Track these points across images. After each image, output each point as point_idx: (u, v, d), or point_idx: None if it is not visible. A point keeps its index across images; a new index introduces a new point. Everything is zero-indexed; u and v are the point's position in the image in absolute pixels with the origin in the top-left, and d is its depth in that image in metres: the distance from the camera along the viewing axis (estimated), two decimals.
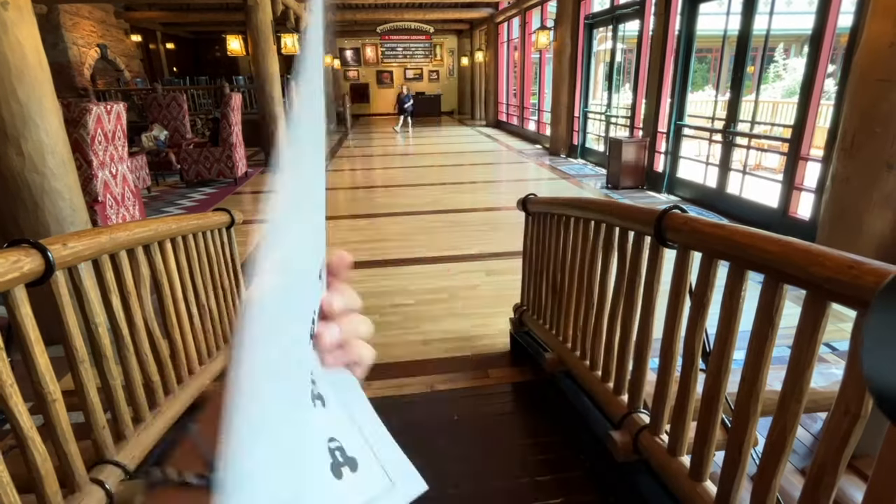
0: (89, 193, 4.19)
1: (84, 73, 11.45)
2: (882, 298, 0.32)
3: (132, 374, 1.51)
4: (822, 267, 0.81)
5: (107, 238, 1.38)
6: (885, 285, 0.32)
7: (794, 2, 15.13)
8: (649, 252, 1.38)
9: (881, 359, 0.31)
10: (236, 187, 7.63)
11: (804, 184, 4.63)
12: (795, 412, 0.88)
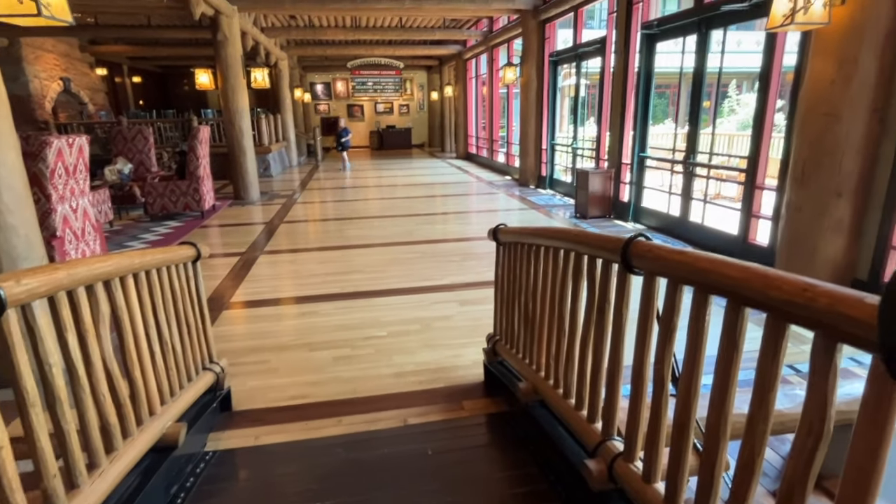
0: (47, 228, 4.04)
1: (45, 106, 11.21)
2: None
3: (88, 416, 1.43)
4: (779, 290, 0.84)
5: (64, 274, 1.33)
6: None
7: (743, 42, 16.12)
8: (617, 279, 1.41)
9: None
10: (203, 220, 7.49)
11: (761, 212, 4.83)
12: (763, 433, 0.90)
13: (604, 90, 7.59)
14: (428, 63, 19.50)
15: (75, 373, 1.40)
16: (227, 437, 2.34)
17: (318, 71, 20.27)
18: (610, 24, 7.30)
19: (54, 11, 2.52)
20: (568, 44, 8.89)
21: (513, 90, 11.99)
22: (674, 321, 1.17)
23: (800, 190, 3.77)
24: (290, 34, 12.73)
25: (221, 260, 5.33)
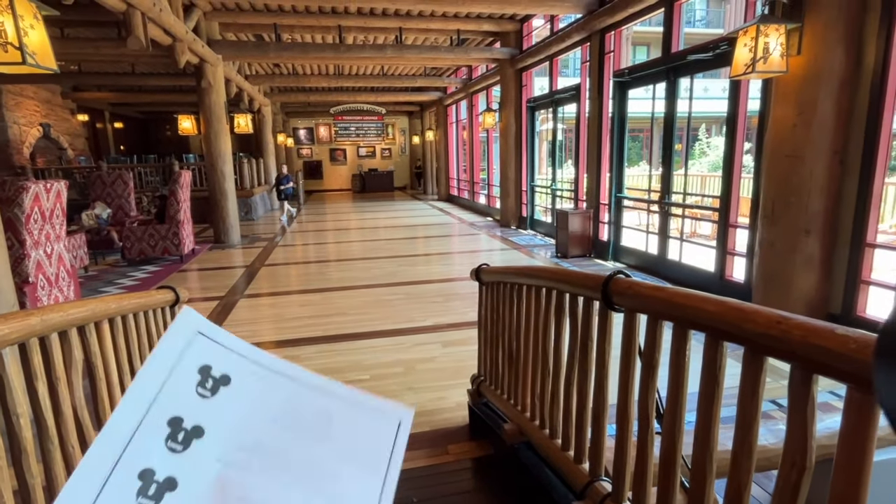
0: (19, 274, 3.94)
1: (23, 152, 11.14)
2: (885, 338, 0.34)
3: (55, 470, 1.36)
4: (754, 323, 0.86)
5: (37, 320, 1.29)
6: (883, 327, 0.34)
7: (710, 88, 16.96)
8: (599, 316, 1.43)
9: None
10: (182, 264, 7.38)
11: (736, 249, 4.96)
12: (748, 468, 0.90)
13: (580, 134, 7.86)
14: (409, 108, 20.01)
15: (44, 423, 1.34)
16: None
17: (301, 116, 20.63)
18: (584, 72, 7.64)
19: (39, 59, 2.55)
20: (544, 90, 9.25)
21: (492, 134, 12.34)
22: (655, 357, 1.18)
23: (771, 228, 3.90)
24: (273, 81, 13.01)
25: (200, 304, 5.23)
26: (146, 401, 0.49)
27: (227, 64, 9.15)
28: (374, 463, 0.53)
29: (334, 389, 0.56)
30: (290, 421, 0.53)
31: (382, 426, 0.55)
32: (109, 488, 0.45)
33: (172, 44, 6.69)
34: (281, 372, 0.55)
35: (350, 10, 8.48)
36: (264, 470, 0.51)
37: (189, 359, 0.52)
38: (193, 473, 0.48)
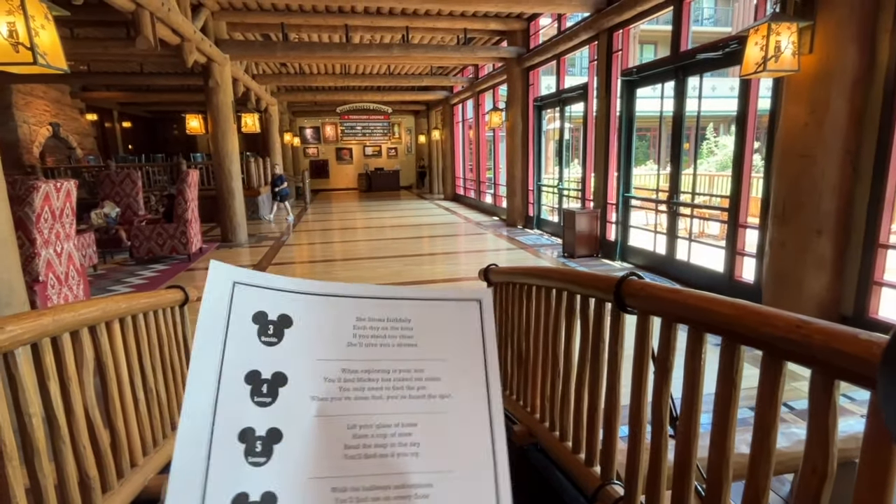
0: (30, 273, 3.97)
1: (33, 151, 11.22)
2: (889, 356, 0.32)
3: (67, 469, 1.37)
4: (773, 327, 0.85)
5: (50, 320, 1.30)
6: (889, 343, 0.33)
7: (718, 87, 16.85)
8: (611, 318, 1.41)
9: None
10: (190, 263, 7.42)
11: (745, 249, 4.92)
12: (766, 474, 0.89)
13: (587, 133, 7.82)
14: (416, 108, 20.01)
15: (56, 423, 1.34)
16: None
17: (307, 115, 20.68)
18: (591, 71, 7.60)
19: (50, 60, 2.56)
20: (551, 89, 9.22)
21: (499, 133, 12.31)
22: (669, 360, 1.17)
23: (782, 228, 3.87)
24: (280, 81, 13.04)
25: None
26: (214, 367, 0.48)
27: (235, 63, 9.18)
28: (468, 350, 0.54)
29: (402, 294, 0.56)
30: (368, 337, 0.53)
31: (463, 313, 0.55)
32: (216, 459, 0.45)
33: (180, 43, 6.72)
34: (340, 294, 0.55)
35: (357, 10, 8.48)
36: (360, 391, 0.50)
37: (238, 312, 0.51)
38: (293, 419, 0.48)
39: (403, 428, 0.50)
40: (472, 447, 0.51)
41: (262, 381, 0.49)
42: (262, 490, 0.45)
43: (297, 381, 0.49)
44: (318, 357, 0.51)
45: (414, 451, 0.49)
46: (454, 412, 0.51)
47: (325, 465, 0.47)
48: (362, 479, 0.47)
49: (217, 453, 0.45)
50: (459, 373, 0.53)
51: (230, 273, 0.52)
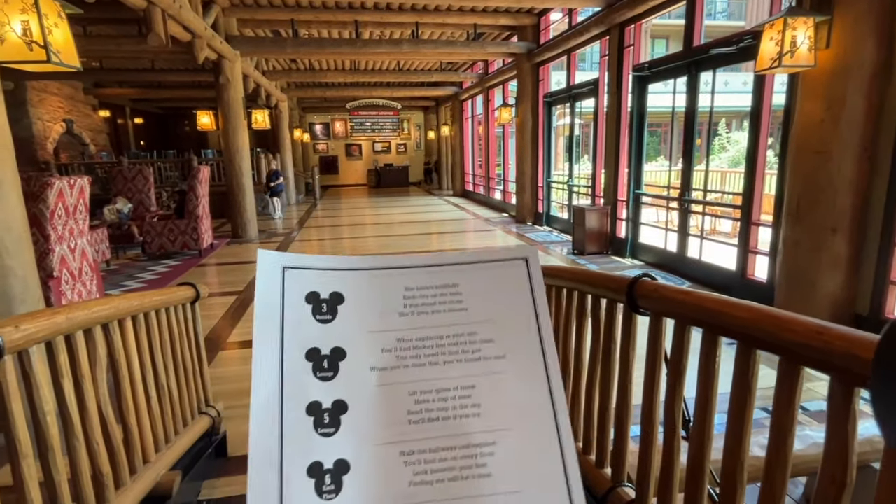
0: (44, 269, 4.02)
1: (47, 147, 11.35)
2: (879, 366, 0.32)
3: (80, 465, 1.38)
4: (792, 332, 0.83)
5: (63, 318, 1.31)
6: (877, 352, 0.32)
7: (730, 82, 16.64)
8: (623, 319, 1.40)
9: None
10: (201, 259, 7.48)
11: (758, 247, 4.86)
12: (782, 480, 0.87)
13: (598, 129, 7.76)
14: (425, 104, 19.97)
15: (70, 420, 1.36)
16: (222, 484, 2.26)
17: (317, 112, 20.71)
18: (602, 66, 7.53)
19: (63, 58, 2.58)
20: (561, 85, 9.15)
21: (508, 129, 12.26)
22: (683, 363, 1.16)
23: (796, 226, 3.81)
24: (290, 77, 13.07)
25: (219, 299, 5.29)
26: (275, 349, 0.51)
27: (245, 60, 9.21)
28: (518, 309, 0.54)
29: (448, 260, 0.57)
30: (419, 306, 0.54)
31: (510, 273, 0.56)
32: (288, 433, 0.48)
33: (192, 40, 6.75)
34: (387, 266, 0.56)
35: (367, 5, 8.47)
36: (417, 358, 0.52)
37: (291, 294, 0.53)
38: (355, 390, 0.51)
39: (462, 390, 0.51)
40: (532, 403, 0.52)
41: (323, 357, 0.51)
42: (334, 458, 0.48)
43: (356, 353, 0.52)
44: (372, 329, 0.53)
45: (475, 411, 0.51)
46: (511, 371, 0.52)
47: (391, 431, 0.50)
48: (427, 442, 0.50)
49: (289, 427, 0.49)
50: (512, 333, 0.54)
51: (278, 259, 0.55)
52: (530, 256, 0.57)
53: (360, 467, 0.48)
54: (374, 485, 0.48)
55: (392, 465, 0.49)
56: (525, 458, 0.50)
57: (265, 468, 0.47)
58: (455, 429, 0.50)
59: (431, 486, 0.49)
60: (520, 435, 0.51)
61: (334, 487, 0.48)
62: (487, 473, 0.49)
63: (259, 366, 0.50)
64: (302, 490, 0.47)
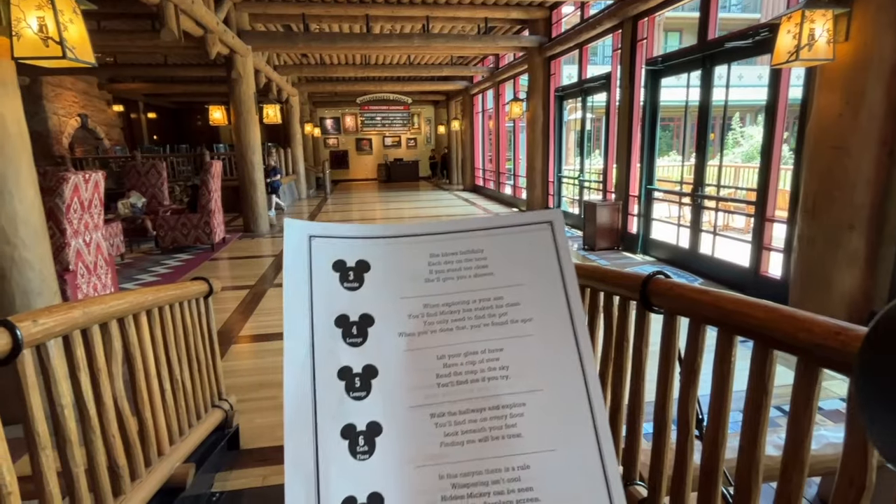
0: (60, 262, 4.08)
1: (62, 142, 11.49)
2: (862, 361, 0.32)
3: (97, 458, 1.41)
4: (809, 333, 0.82)
5: (80, 313, 1.33)
6: (861, 348, 0.32)
7: (745, 76, 16.39)
8: (636, 317, 1.39)
9: (882, 426, 0.31)
10: (213, 253, 7.54)
11: (772, 244, 4.80)
12: (799, 483, 0.86)
13: (610, 124, 7.69)
14: (435, 98, 19.92)
15: (86, 413, 1.38)
16: (235, 476, 2.29)
17: (328, 106, 20.74)
18: (615, 60, 7.45)
19: (78, 54, 2.60)
20: (573, 79, 9.07)
21: (519, 124, 12.19)
22: (697, 362, 1.14)
23: (812, 222, 3.75)
24: (301, 71, 13.09)
25: (231, 293, 5.33)
26: (305, 317, 0.52)
27: (257, 54, 9.24)
28: (544, 272, 0.55)
29: (472, 226, 0.58)
30: (444, 272, 0.55)
31: (535, 237, 0.56)
32: (321, 397, 0.50)
33: (204, 35, 6.78)
34: (411, 234, 0.57)
35: (377, 0, 8.44)
36: (444, 323, 0.53)
37: (318, 263, 0.54)
38: (385, 355, 0.52)
39: (490, 353, 0.52)
40: (561, 364, 0.53)
41: (351, 324, 0.53)
42: (366, 420, 0.50)
43: (384, 320, 0.53)
44: (399, 296, 0.54)
45: (503, 374, 0.52)
46: (538, 334, 0.53)
47: (420, 394, 0.51)
48: (457, 404, 0.51)
49: (321, 392, 0.50)
50: (539, 296, 0.54)
51: (305, 228, 0.56)
52: (555, 220, 0.57)
53: (392, 429, 0.50)
54: (406, 446, 0.50)
55: (423, 427, 0.50)
56: (555, 418, 0.51)
57: (300, 431, 0.49)
58: (484, 391, 0.51)
59: (462, 446, 0.50)
60: (549, 396, 0.52)
61: (367, 448, 0.49)
62: (517, 434, 0.50)
63: (290, 333, 0.52)
64: (336, 451, 0.49)
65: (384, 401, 0.50)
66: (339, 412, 0.50)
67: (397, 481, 0.49)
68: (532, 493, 0.49)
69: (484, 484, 0.49)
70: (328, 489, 0.48)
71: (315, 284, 0.53)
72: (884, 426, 0.31)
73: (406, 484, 0.49)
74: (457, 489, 0.49)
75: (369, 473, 0.49)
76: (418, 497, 0.49)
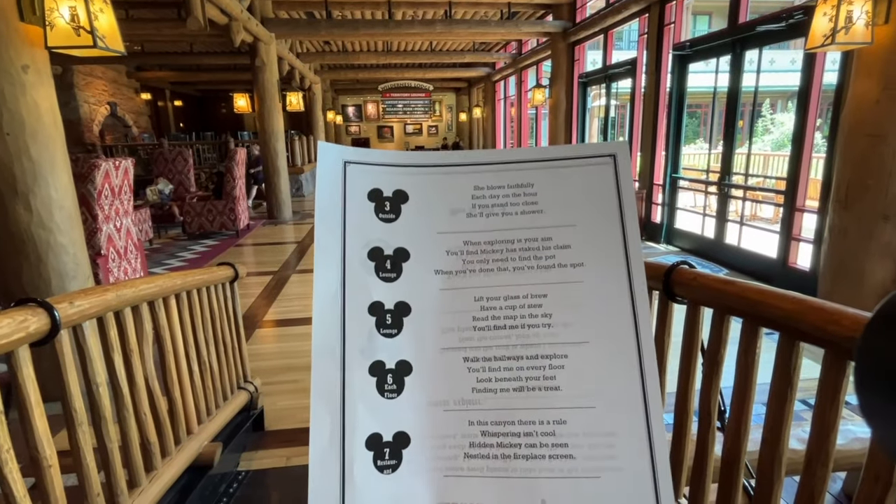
0: (93, 247, 4.21)
1: (93, 130, 11.77)
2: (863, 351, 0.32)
3: (130, 434, 1.47)
4: (838, 325, 0.80)
5: (113, 296, 1.37)
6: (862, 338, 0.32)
7: (777, 60, 15.85)
8: (658, 307, 1.37)
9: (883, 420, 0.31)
10: (238, 239, 7.68)
11: (802, 234, 4.67)
12: (823, 477, 0.85)
13: (634, 111, 7.54)
14: (457, 85, 19.77)
15: (120, 391, 1.43)
16: (260, 456, 2.35)
17: (349, 94, 20.78)
18: (640, 45, 7.28)
19: (108, 42, 2.66)
20: (597, 65, 8.90)
21: (541, 111, 12.03)
22: (720, 353, 1.13)
23: (844, 213, 3.64)
24: (324, 59, 13.12)
25: (255, 279, 5.44)
26: (337, 247, 0.49)
27: (280, 42, 9.28)
28: (601, 213, 0.50)
29: (524, 156, 0.53)
30: (488, 207, 0.51)
31: (594, 173, 0.51)
32: (350, 330, 0.48)
33: (228, 23, 6.84)
34: (454, 163, 0.53)
35: None
36: (484, 263, 0.50)
37: (353, 191, 0.51)
38: (419, 292, 0.49)
39: (533, 299, 0.49)
40: (611, 316, 0.49)
41: (385, 258, 0.50)
42: (396, 359, 0.48)
43: (419, 255, 0.50)
44: (437, 231, 0.51)
45: (546, 321, 0.48)
46: (589, 281, 0.49)
47: (454, 336, 0.48)
48: (493, 350, 0.48)
49: (350, 326, 0.48)
50: (593, 239, 0.50)
51: (340, 153, 0.52)
52: (619, 153, 0.51)
53: (422, 370, 0.48)
54: (436, 388, 0.48)
55: (455, 371, 0.48)
56: (600, 374, 0.47)
57: (328, 365, 0.47)
58: (523, 338, 0.48)
59: (495, 394, 0.47)
60: (595, 350, 0.48)
61: (396, 387, 0.48)
62: (556, 387, 0.47)
63: (321, 264, 0.50)
64: (363, 387, 0.47)
65: (416, 340, 0.48)
66: (369, 348, 0.48)
67: (425, 423, 0.47)
68: (566, 449, 0.46)
69: (515, 435, 0.47)
70: (354, 423, 0.47)
71: (349, 214, 0.50)
72: (882, 417, 0.31)
73: (434, 426, 0.47)
74: (486, 437, 0.47)
75: (396, 412, 0.47)
76: (445, 441, 0.47)
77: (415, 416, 0.47)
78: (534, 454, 0.46)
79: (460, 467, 0.46)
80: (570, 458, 0.46)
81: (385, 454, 0.47)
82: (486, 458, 0.46)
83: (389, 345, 0.48)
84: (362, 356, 0.47)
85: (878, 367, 0.30)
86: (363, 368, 0.47)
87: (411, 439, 0.47)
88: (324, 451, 0.47)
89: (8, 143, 2.45)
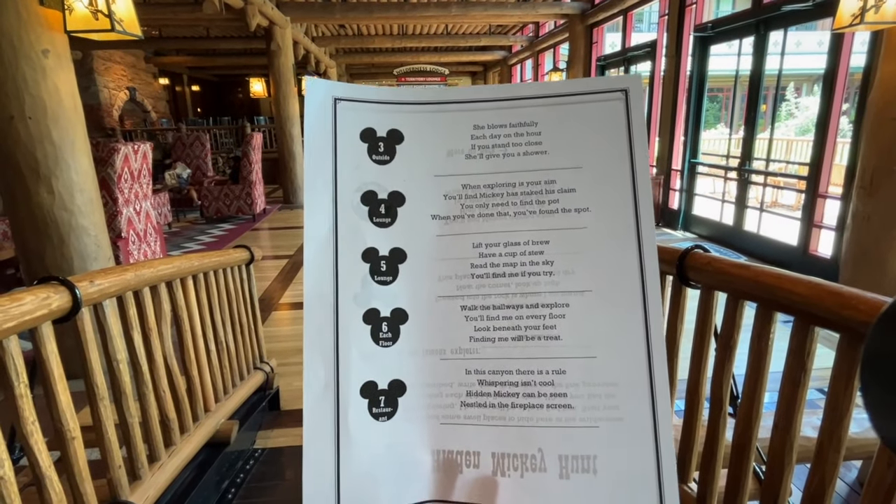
0: (113, 230, 4.29)
1: (113, 114, 11.91)
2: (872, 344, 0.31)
3: (150, 411, 1.51)
4: (855, 311, 0.79)
5: (132, 275, 1.40)
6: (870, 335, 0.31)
7: (803, 43, 15.37)
8: (672, 291, 1.36)
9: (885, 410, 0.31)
10: (254, 223, 7.76)
11: (824, 221, 4.57)
12: (834, 463, 0.85)
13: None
14: (473, 69, 19.56)
15: (140, 369, 1.47)
16: (275, 435, 2.41)
17: (365, 78, 20.69)
18: (661, 26, 7.11)
19: (126, 27, 2.68)
20: (616, 47, 8.73)
21: None
22: (734, 338, 1.12)
23: (868, 199, 3.55)
24: (339, 43, 13.06)
25: (271, 262, 5.50)
26: (328, 191, 0.47)
27: (295, 26, 9.26)
28: (609, 154, 0.47)
29: (526, 93, 0.50)
30: (489, 147, 0.48)
31: (603, 110, 0.48)
32: (343, 277, 0.47)
33: (244, 7, 6.83)
34: (452, 100, 0.50)
35: None
36: (483, 207, 0.48)
37: (344, 130, 0.48)
38: (414, 238, 0.48)
39: (534, 246, 0.47)
40: (616, 264, 0.46)
41: (379, 202, 0.48)
42: (391, 307, 0.47)
43: (415, 199, 0.48)
44: (434, 173, 0.48)
45: (547, 269, 0.47)
46: (594, 227, 0.47)
47: (452, 284, 0.47)
48: (491, 298, 0.47)
49: (344, 273, 0.47)
50: (600, 182, 0.47)
51: (329, 88, 0.49)
52: (631, 87, 0.47)
53: (418, 318, 0.46)
54: (433, 337, 0.47)
55: (452, 319, 0.46)
56: (602, 323, 0.46)
57: (320, 312, 0.46)
58: (523, 286, 0.46)
59: (493, 343, 0.46)
60: (598, 298, 0.46)
61: (391, 336, 0.47)
62: (556, 336, 0.46)
63: (311, 209, 0.48)
64: (358, 335, 0.46)
65: (411, 288, 0.47)
66: (363, 296, 0.47)
67: (421, 371, 0.46)
68: (565, 399, 0.45)
69: (513, 384, 0.46)
70: (348, 372, 0.46)
71: (340, 155, 0.47)
72: (883, 408, 0.30)
73: (430, 375, 0.46)
74: (484, 386, 0.46)
75: (392, 361, 0.46)
76: (442, 389, 0.46)
77: (411, 365, 0.46)
78: (532, 403, 0.45)
79: (457, 415, 0.46)
80: (568, 408, 0.45)
81: (380, 402, 0.46)
82: (483, 407, 0.46)
83: (384, 292, 0.47)
84: (356, 304, 0.46)
85: (884, 363, 0.30)
86: (357, 316, 0.46)
87: (407, 387, 0.46)
88: (318, 398, 0.45)
89: (30, 126, 2.50)
